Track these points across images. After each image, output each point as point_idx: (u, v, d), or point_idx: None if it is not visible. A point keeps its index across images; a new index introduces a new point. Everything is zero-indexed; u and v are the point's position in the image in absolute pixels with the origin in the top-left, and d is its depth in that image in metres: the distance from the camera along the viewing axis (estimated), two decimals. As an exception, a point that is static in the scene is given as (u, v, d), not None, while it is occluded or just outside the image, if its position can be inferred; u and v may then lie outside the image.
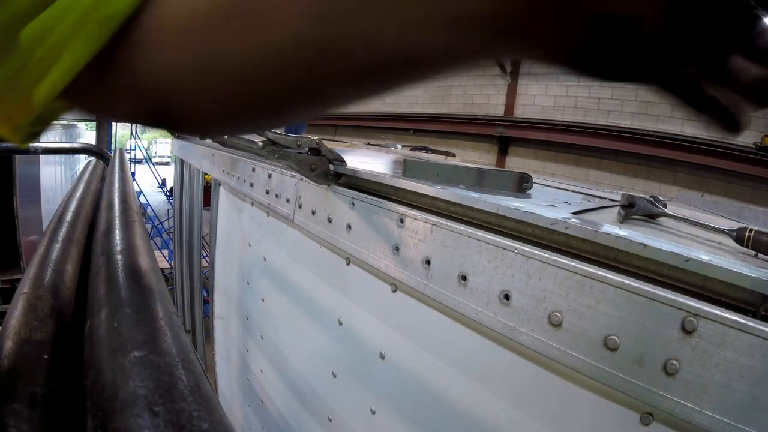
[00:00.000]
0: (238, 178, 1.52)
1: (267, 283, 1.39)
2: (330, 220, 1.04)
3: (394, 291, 0.92)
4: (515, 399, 0.77)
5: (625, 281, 0.63)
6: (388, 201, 0.91)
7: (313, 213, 1.10)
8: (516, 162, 9.60)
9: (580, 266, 0.66)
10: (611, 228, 0.69)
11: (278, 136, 1.03)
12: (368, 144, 6.26)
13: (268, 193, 1.30)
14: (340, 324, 1.05)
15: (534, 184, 1.03)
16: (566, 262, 0.67)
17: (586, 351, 0.66)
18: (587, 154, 8.72)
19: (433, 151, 8.05)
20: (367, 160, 1.67)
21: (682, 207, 1.42)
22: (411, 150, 7.25)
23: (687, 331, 0.60)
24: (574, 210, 0.87)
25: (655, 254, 0.63)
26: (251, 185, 1.42)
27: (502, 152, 9.82)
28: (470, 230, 0.76)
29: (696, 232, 0.90)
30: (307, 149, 1.03)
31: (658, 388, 0.62)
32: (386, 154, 2.90)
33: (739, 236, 0.77)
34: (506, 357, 0.77)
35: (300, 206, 1.17)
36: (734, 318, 0.59)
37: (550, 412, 0.74)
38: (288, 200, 1.22)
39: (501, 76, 9.66)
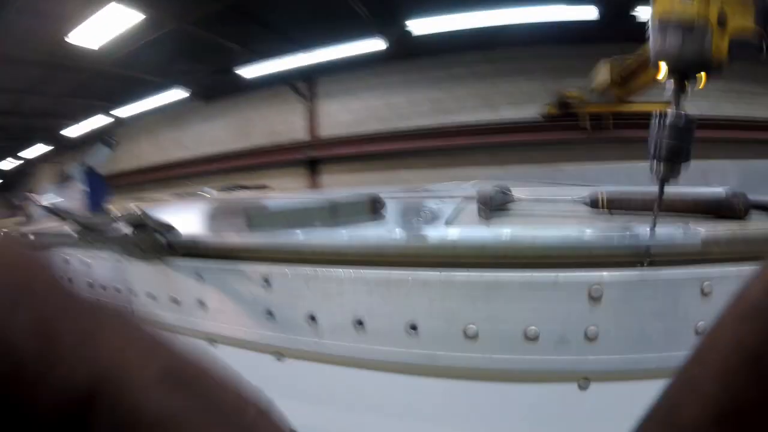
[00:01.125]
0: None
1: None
2: (176, 301, 0.85)
3: (280, 359, 0.78)
4: (448, 424, 0.71)
5: (527, 274, 0.60)
6: (243, 262, 0.77)
7: (153, 297, 0.89)
8: (330, 180, 9.82)
9: (478, 275, 0.62)
10: (495, 230, 0.66)
11: (92, 219, 0.80)
12: (177, 195, 5.67)
13: (92, 286, 1.04)
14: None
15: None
16: (464, 274, 0.62)
17: (510, 349, 0.63)
18: (394, 158, 9.34)
19: (247, 187, 7.74)
20: (190, 216, 1.47)
21: (522, 184, 1.53)
22: (223, 191, 6.83)
23: (595, 298, 0.62)
24: (443, 222, 0.84)
25: (546, 244, 0.63)
26: (70, 281, 1.12)
27: (314, 173, 9.98)
28: (352, 271, 0.66)
29: (553, 207, 0.93)
30: (131, 225, 0.82)
31: (585, 354, 0.63)
32: (201, 202, 2.64)
33: (592, 201, 0.83)
34: (428, 386, 0.70)
35: (135, 294, 0.94)
36: (631, 273, 0.62)
37: (488, 422, 0.70)
38: (119, 289, 0.98)
39: (299, 100, 9.84)
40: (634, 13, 7.05)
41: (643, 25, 0.63)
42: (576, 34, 7.92)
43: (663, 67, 0.63)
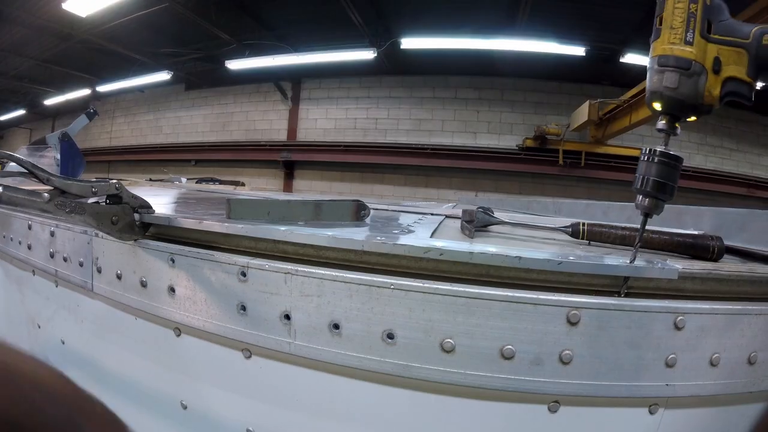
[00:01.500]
0: (10, 239, 1.14)
1: (73, 372, 1.06)
2: (144, 284, 0.81)
3: (249, 357, 0.75)
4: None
5: (509, 294, 0.62)
6: (219, 252, 0.74)
7: (119, 277, 0.85)
8: (303, 184, 9.88)
9: (462, 289, 0.61)
10: (481, 246, 0.67)
11: (69, 182, 0.76)
12: (150, 180, 5.53)
13: (53, 256, 0.99)
14: (185, 407, 0.83)
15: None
16: (446, 287, 0.62)
17: (485, 367, 0.63)
18: (370, 171, 9.45)
19: (222, 182, 7.66)
20: (162, 200, 1.42)
21: (500, 210, 1.55)
22: (197, 182, 6.72)
23: (572, 323, 0.62)
24: (429, 233, 0.84)
25: (530, 264, 0.63)
26: (29, 247, 1.07)
27: (289, 176, 9.94)
28: (334, 273, 0.65)
29: (534, 233, 0.96)
30: (105, 197, 0.79)
31: (558, 378, 0.64)
32: (176, 190, 2.56)
33: (574, 231, 0.87)
34: (398, 397, 0.69)
35: (99, 270, 0.90)
36: (608, 301, 0.62)
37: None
38: (81, 263, 0.94)
39: (282, 100, 9.78)
40: (620, 59, 7.35)
41: (627, 71, 0.65)
42: (561, 72, 8.22)
43: (657, 106, 0.64)
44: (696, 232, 0.84)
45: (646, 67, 0.66)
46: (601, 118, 7.62)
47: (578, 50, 7.29)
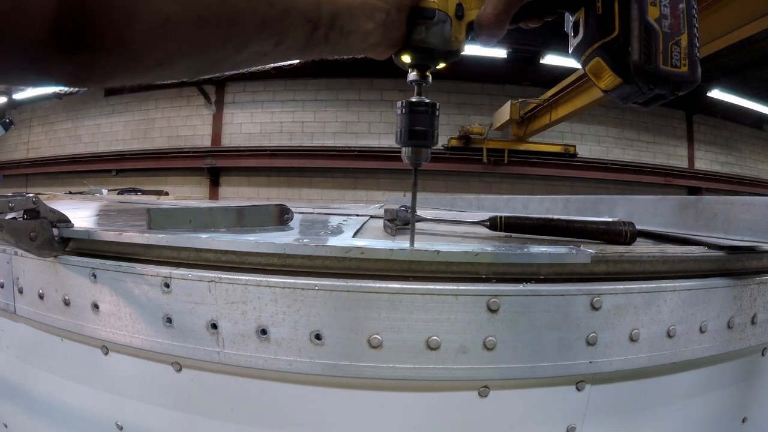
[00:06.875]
0: None
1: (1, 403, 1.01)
2: (67, 302, 0.78)
3: (179, 370, 0.73)
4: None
5: (430, 287, 0.64)
6: (141, 264, 0.72)
7: (42, 297, 0.82)
8: (230, 191, 9.69)
9: (385, 285, 0.63)
10: (401, 243, 0.69)
11: None
12: (70, 193, 5.30)
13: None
14: (121, 428, 0.81)
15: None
16: (371, 284, 0.63)
17: (414, 359, 0.64)
18: (297, 175, 9.39)
19: (144, 192, 7.37)
20: (82, 214, 1.37)
21: (425, 208, 1.58)
22: (118, 194, 6.46)
23: (493, 310, 0.64)
24: (352, 234, 0.85)
25: (449, 257, 0.66)
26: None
27: (214, 183, 9.73)
28: (258, 278, 0.64)
29: (456, 228, 1.00)
30: (23, 212, 0.75)
31: (485, 364, 0.66)
32: (96, 202, 2.47)
33: (492, 224, 0.91)
34: (334, 396, 0.69)
35: (21, 290, 0.86)
36: (526, 288, 0.65)
37: (391, 430, 0.71)
38: (2, 285, 0.89)
39: (205, 105, 9.53)
40: (540, 60, 7.66)
41: (547, 71, 0.66)
42: (483, 73, 8.47)
43: (406, 59, 0.66)
44: (609, 219, 0.88)
45: (565, 68, 0.67)
46: (523, 116, 8.06)
47: (500, 52, 7.62)
